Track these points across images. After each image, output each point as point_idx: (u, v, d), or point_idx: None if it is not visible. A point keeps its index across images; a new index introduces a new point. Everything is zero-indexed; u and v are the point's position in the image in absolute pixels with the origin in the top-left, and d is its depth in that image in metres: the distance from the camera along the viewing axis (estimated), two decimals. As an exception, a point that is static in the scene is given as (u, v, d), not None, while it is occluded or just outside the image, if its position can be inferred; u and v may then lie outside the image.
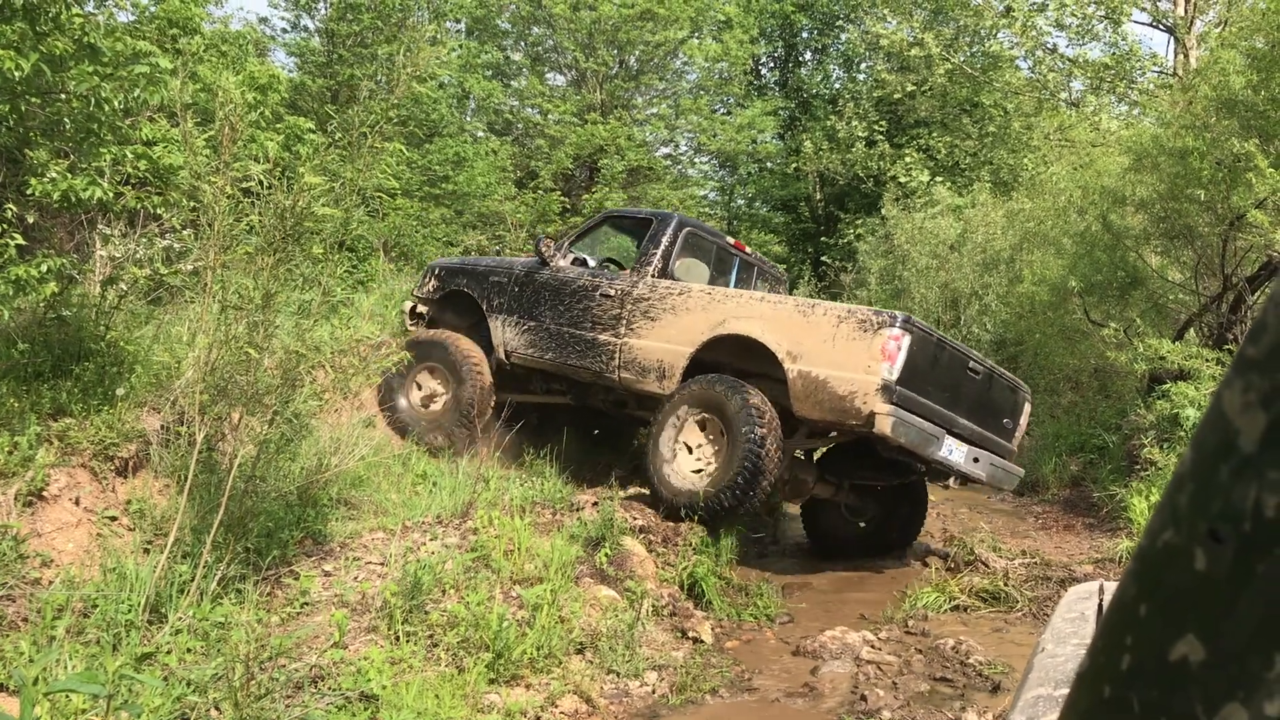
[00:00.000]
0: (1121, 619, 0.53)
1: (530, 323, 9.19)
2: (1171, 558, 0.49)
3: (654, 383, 8.30)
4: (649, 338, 8.36)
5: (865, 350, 7.18)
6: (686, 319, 8.17)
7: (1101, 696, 0.54)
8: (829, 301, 7.84)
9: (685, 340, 8.11)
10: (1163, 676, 0.50)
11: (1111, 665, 0.53)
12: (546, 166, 20.47)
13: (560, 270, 9.22)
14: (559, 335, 8.95)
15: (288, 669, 4.57)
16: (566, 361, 8.91)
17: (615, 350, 8.52)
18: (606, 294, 8.73)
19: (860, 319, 7.31)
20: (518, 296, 9.35)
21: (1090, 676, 0.56)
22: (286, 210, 5.23)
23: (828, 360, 7.33)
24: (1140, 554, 0.52)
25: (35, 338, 5.93)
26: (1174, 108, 11.58)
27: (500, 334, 9.40)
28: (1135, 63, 19.44)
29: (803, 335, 7.50)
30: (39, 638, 4.29)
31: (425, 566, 5.64)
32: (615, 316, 8.58)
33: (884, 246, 18.13)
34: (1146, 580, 0.51)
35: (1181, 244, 11.21)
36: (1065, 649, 1.58)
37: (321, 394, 6.38)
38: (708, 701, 5.69)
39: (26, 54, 5.19)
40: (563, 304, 8.99)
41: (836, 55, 29.01)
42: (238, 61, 11.36)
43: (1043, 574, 8.02)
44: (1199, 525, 0.47)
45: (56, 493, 5.32)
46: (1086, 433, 11.77)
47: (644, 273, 8.66)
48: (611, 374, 8.58)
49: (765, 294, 8.25)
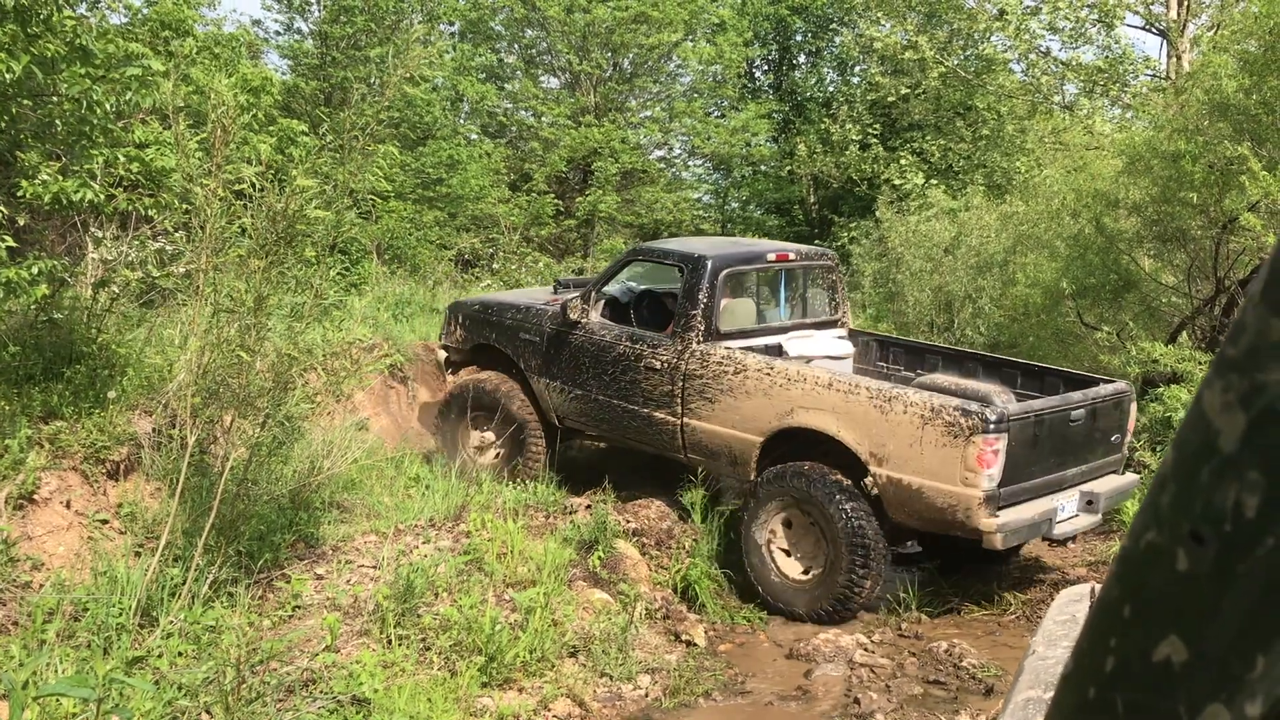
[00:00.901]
0: (1105, 621, 0.53)
1: (577, 390, 8.34)
2: (1154, 559, 0.49)
3: (727, 467, 7.66)
4: (711, 421, 7.56)
5: (959, 460, 6.38)
6: (748, 404, 7.33)
7: (1086, 698, 0.54)
8: (908, 392, 6.79)
9: (753, 428, 7.33)
10: (1146, 677, 0.49)
11: (1096, 666, 0.53)
12: (540, 169, 20.47)
13: (595, 332, 8.25)
14: (610, 407, 8.16)
15: (279, 672, 4.56)
16: (626, 436, 8.27)
17: (676, 431, 7.78)
18: (652, 366, 7.82)
19: (948, 422, 6.44)
20: (555, 359, 8.49)
21: (1075, 678, 0.56)
22: (279, 213, 5.23)
23: (917, 468, 6.57)
24: (1123, 555, 0.52)
25: (26, 340, 5.92)
26: (1167, 111, 11.62)
27: (547, 398, 8.62)
28: (1128, 66, 19.49)
29: (884, 435, 6.70)
30: (29, 641, 4.28)
31: (418, 570, 5.63)
32: (668, 394, 7.75)
33: (878, 249, 18.14)
34: (1130, 582, 0.51)
35: (1174, 247, 11.22)
36: (1056, 651, 1.58)
37: (314, 397, 6.38)
38: (701, 705, 5.69)
39: (18, 56, 5.18)
40: (606, 374, 8.12)
41: (830, 58, 29.03)
42: (230, 64, 11.35)
43: (1036, 577, 8.02)
44: (1181, 526, 0.47)
45: (47, 496, 5.30)
46: (1080, 435, 11.78)
47: (687, 340, 7.68)
48: (678, 453, 7.92)
49: (832, 377, 7.10)
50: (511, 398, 8.68)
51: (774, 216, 28.01)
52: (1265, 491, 0.44)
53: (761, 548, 7.21)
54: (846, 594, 6.86)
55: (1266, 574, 0.44)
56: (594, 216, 21.13)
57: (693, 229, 23.51)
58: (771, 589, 7.16)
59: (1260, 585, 0.44)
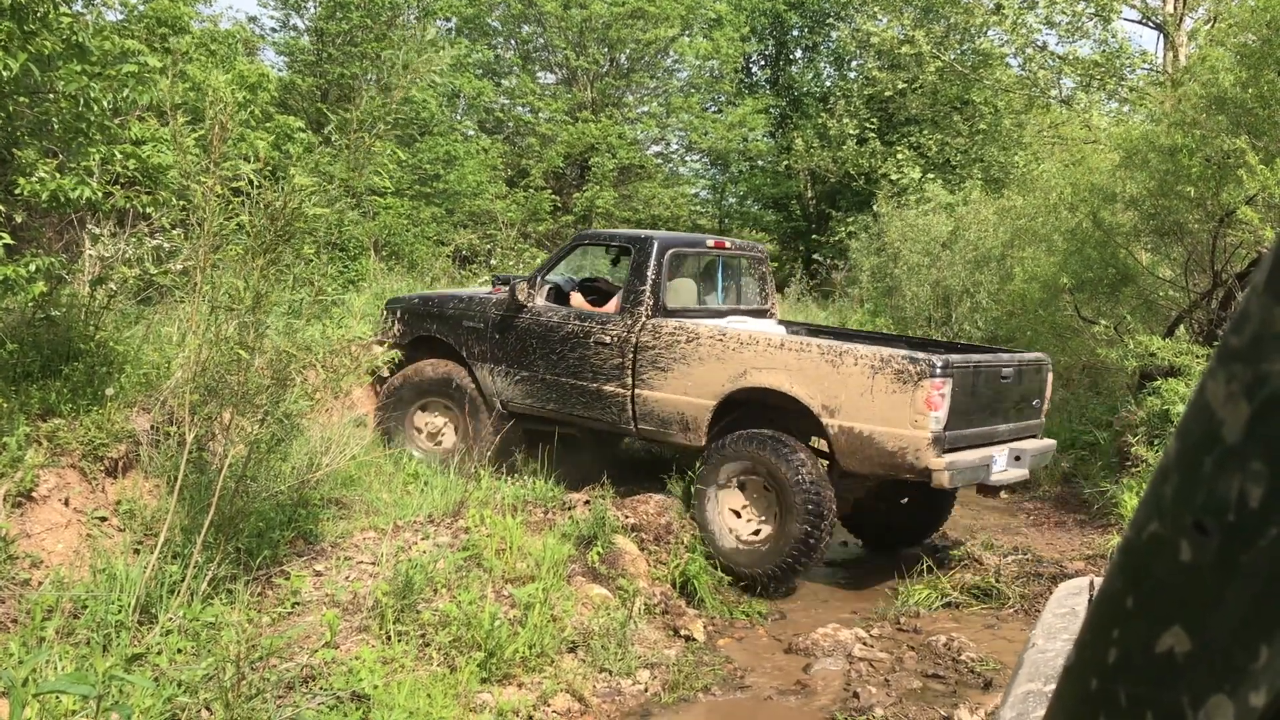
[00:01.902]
0: (1108, 612, 0.53)
1: (522, 373, 8.63)
2: (1157, 550, 0.49)
3: (679, 435, 7.92)
4: (663, 389, 7.92)
5: (908, 404, 6.87)
6: (701, 369, 7.72)
7: (1088, 690, 0.54)
8: (857, 346, 7.32)
9: (706, 393, 7.70)
10: (1149, 669, 0.49)
11: (1098, 658, 0.53)
12: (537, 165, 20.47)
13: (542, 314, 8.58)
14: (557, 386, 8.45)
15: (279, 669, 4.57)
16: (573, 413, 8.47)
17: (626, 402, 8.09)
18: (602, 341, 8.19)
19: (897, 370, 6.92)
20: (500, 344, 8.75)
21: (1077, 670, 0.56)
22: (277, 210, 5.22)
23: (869, 415, 7.02)
24: (1125, 547, 0.52)
25: (24, 338, 5.91)
26: (1164, 105, 11.62)
27: (490, 383, 8.85)
28: (1125, 60, 19.48)
29: (836, 387, 7.13)
30: (29, 639, 4.28)
31: (417, 566, 5.64)
32: (618, 366, 8.09)
33: (876, 244, 18.15)
34: (1132, 573, 0.51)
35: (1172, 241, 11.23)
36: (1056, 644, 1.58)
37: (313, 394, 6.38)
38: (700, 699, 5.69)
39: (14, 53, 5.17)
40: (554, 353, 8.43)
41: (827, 53, 29.02)
42: (227, 60, 11.33)
43: (1034, 570, 8.03)
44: (1184, 517, 0.47)
45: (46, 493, 5.30)
46: (1077, 429, 11.79)
47: (637, 314, 8.11)
48: (627, 425, 8.19)
49: (783, 338, 7.64)
50: (463, 383, 8.90)
51: (771, 212, 28.02)
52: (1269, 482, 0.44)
53: (714, 510, 7.53)
54: (796, 556, 7.18)
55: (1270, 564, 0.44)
56: (591, 212, 21.12)
57: (690, 224, 23.50)
58: (723, 552, 7.43)
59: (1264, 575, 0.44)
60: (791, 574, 7.31)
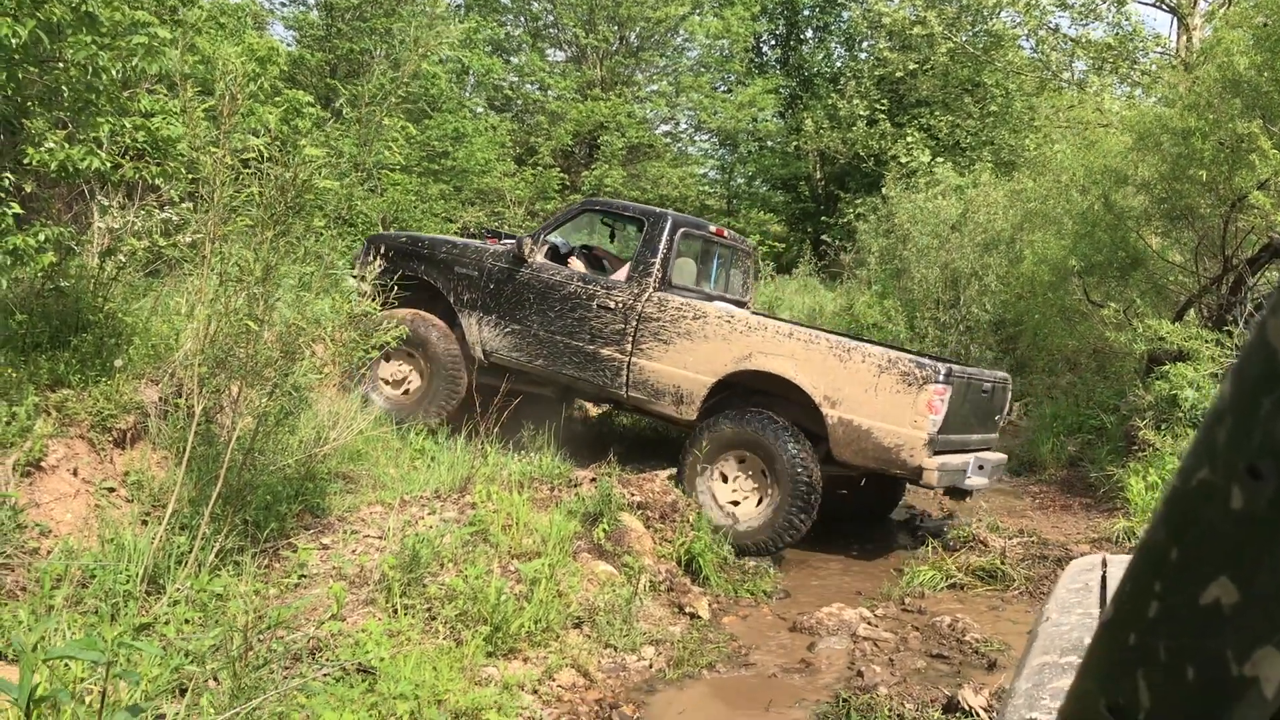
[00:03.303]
0: (1150, 564, 0.52)
1: (514, 325, 8.65)
2: (1206, 497, 0.48)
3: (670, 406, 8.10)
4: (662, 360, 8.09)
5: (910, 405, 7.24)
6: (705, 346, 7.92)
7: (1126, 644, 0.53)
8: (864, 344, 7.74)
9: (706, 369, 7.91)
10: (1192, 622, 0.48)
11: (1138, 612, 0.52)
12: (546, 143, 20.42)
13: (544, 271, 8.65)
14: (551, 343, 8.51)
15: (286, 640, 4.58)
16: (562, 371, 8.53)
17: (621, 367, 8.22)
18: (605, 305, 8.31)
19: (903, 372, 7.30)
20: (495, 295, 8.73)
21: (1115, 624, 0.55)
22: (287, 182, 5.21)
23: (870, 411, 7.36)
24: (1171, 496, 0.51)
25: (33, 308, 5.91)
26: (1177, 88, 11.54)
27: (476, 332, 8.82)
28: (1138, 43, 19.36)
29: (841, 380, 7.44)
30: (37, 607, 4.29)
31: (423, 540, 5.64)
32: (619, 332, 8.23)
33: (884, 226, 18.08)
34: (1178, 522, 0.50)
35: (1183, 225, 11.18)
36: (1070, 618, 1.57)
37: (321, 368, 6.37)
38: (705, 676, 5.71)
39: (23, 21, 5.15)
40: (552, 310, 8.50)
41: (838, 33, 28.88)
42: (236, 34, 11.29)
43: (1039, 553, 8.04)
44: (1237, 461, 0.46)
45: (54, 463, 5.31)
46: (1084, 413, 11.77)
47: (645, 284, 8.28)
48: (618, 390, 8.29)
49: (792, 328, 7.95)
50: (432, 332, 8.82)
51: (780, 192, 27.95)
52: (1331, 423, 0.43)
53: (706, 483, 7.75)
54: (785, 529, 7.49)
55: (1326, 510, 0.43)
56: (599, 191, 21.07)
57: (698, 204, 23.44)
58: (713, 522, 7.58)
59: (1320, 521, 0.43)
60: (778, 546, 7.59)
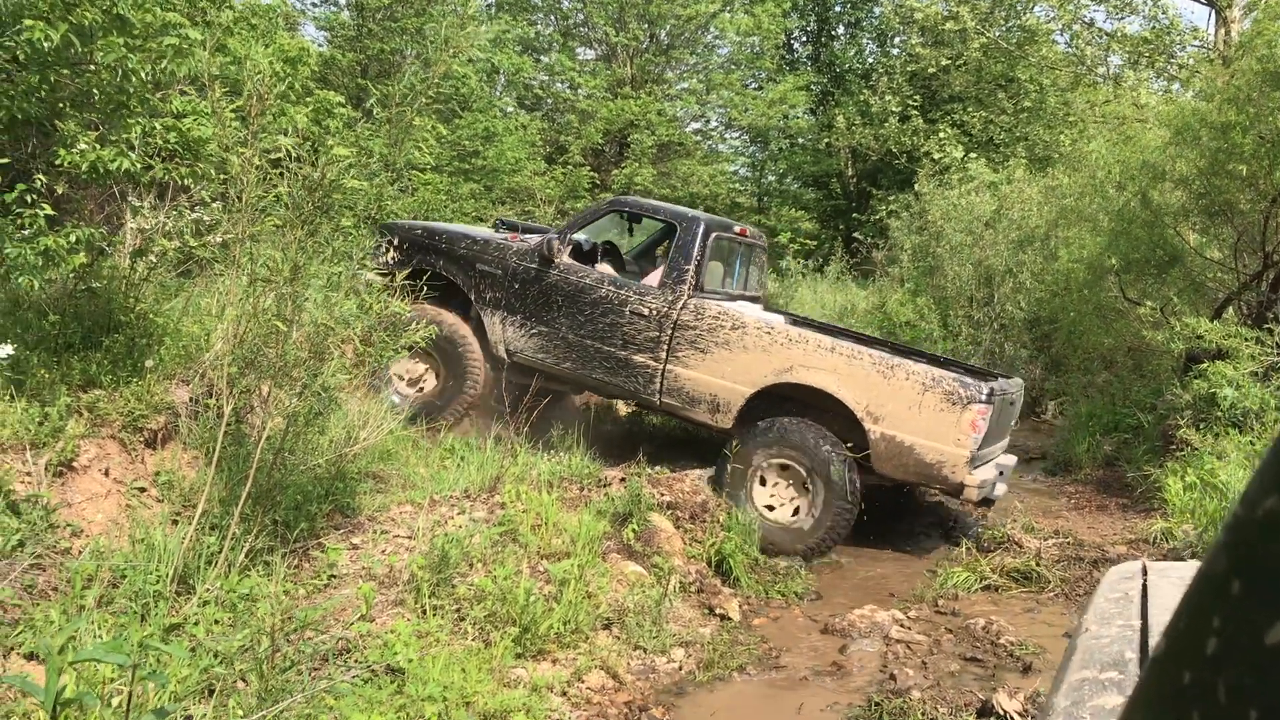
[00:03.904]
0: (1208, 597, 0.47)
1: (540, 327, 8.52)
2: (1274, 528, 0.43)
3: (705, 414, 8.10)
4: (699, 369, 8.07)
5: (954, 424, 7.36)
6: (744, 357, 7.92)
7: (1180, 683, 0.49)
8: (908, 361, 7.73)
9: (745, 380, 7.92)
10: (1257, 661, 0.44)
11: (1194, 648, 0.48)
12: (576, 142, 20.41)
13: (573, 273, 8.50)
14: (580, 347, 8.40)
15: (314, 641, 4.58)
16: (591, 375, 8.45)
17: (656, 375, 8.18)
18: (639, 312, 8.22)
19: (947, 391, 7.40)
20: (520, 295, 8.59)
21: (1168, 659, 0.50)
22: (315, 182, 5.21)
23: (913, 428, 7.46)
24: (1234, 524, 0.46)
25: (65, 309, 5.94)
26: (1216, 81, 11.36)
27: (500, 332, 8.70)
28: (1175, 37, 19.10)
29: (884, 397, 7.52)
30: (69, 607, 4.31)
31: (453, 540, 5.63)
32: (654, 339, 8.17)
33: (917, 223, 17.95)
34: (1241, 553, 0.45)
35: (1221, 221, 11.01)
36: (1110, 630, 1.52)
37: (351, 368, 6.37)
38: (735, 679, 5.66)
39: (56, 24, 5.18)
40: (582, 314, 8.39)
41: (870, 29, 28.72)
42: (267, 35, 11.34)
43: (1075, 554, 7.92)
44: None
45: (86, 464, 5.33)
46: (1121, 412, 11.61)
47: (679, 291, 8.21)
48: (651, 397, 8.25)
49: (834, 342, 7.85)
50: (456, 332, 8.66)
51: (811, 190, 27.83)
52: None
53: (747, 490, 7.81)
54: (826, 537, 7.64)
55: None
56: (630, 189, 21.04)
57: (728, 202, 23.36)
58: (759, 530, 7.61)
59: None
60: (818, 551, 7.70)
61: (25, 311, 5.92)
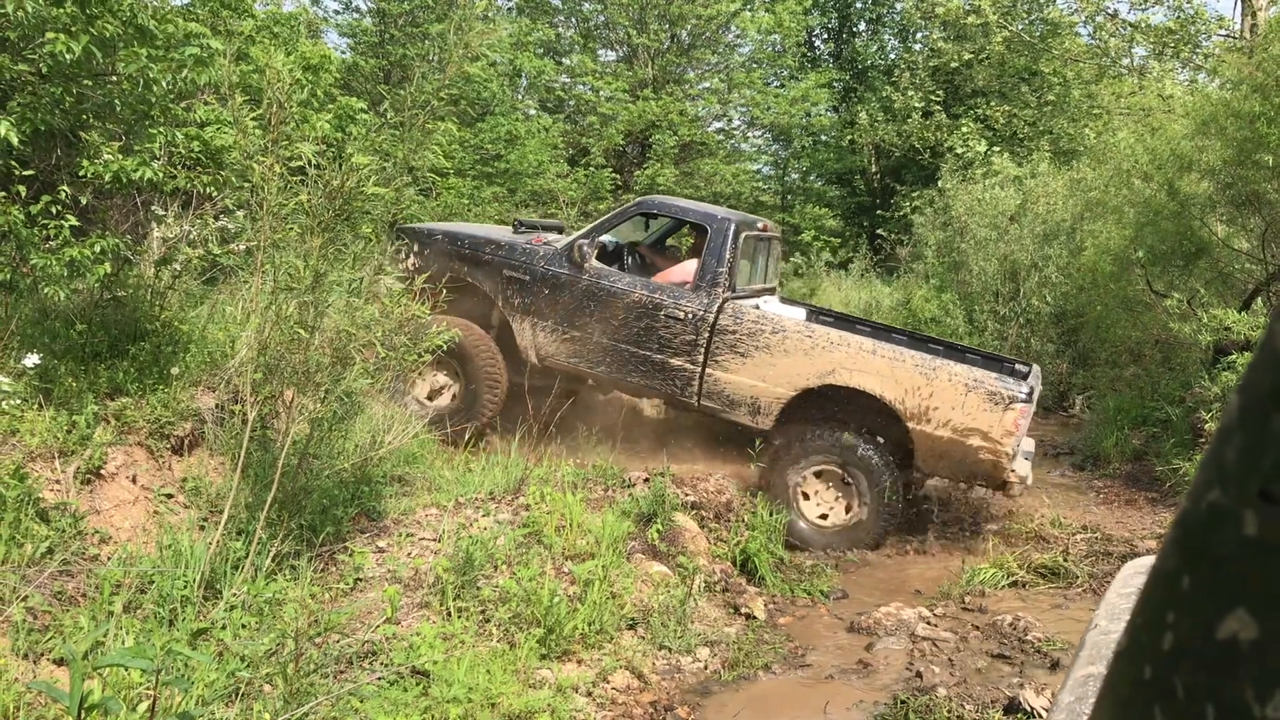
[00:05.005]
0: (1162, 593, 0.47)
1: (572, 332, 8.45)
2: (1218, 522, 0.43)
3: (745, 416, 8.13)
4: (738, 373, 8.08)
5: (998, 423, 7.53)
6: (785, 361, 7.96)
7: (1141, 678, 0.49)
8: (949, 363, 7.86)
9: (785, 383, 7.98)
10: (1209, 657, 0.44)
11: (1152, 644, 0.48)
12: (598, 143, 20.42)
13: (604, 277, 8.45)
14: (615, 351, 8.35)
15: (340, 644, 4.61)
16: (626, 379, 8.42)
17: (694, 378, 8.17)
18: (674, 316, 8.18)
19: (990, 392, 7.57)
20: (550, 300, 8.50)
21: (1129, 656, 0.50)
22: (336, 190, 5.24)
23: (956, 427, 7.63)
24: (1182, 519, 0.46)
25: (92, 318, 6.01)
26: (1242, 71, 11.23)
27: (529, 337, 8.62)
28: (1200, 27, 18.90)
29: (927, 398, 7.67)
30: (97, 613, 4.36)
31: (477, 542, 5.66)
32: (691, 343, 8.15)
33: (941, 219, 17.85)
34: (1189, 548, 0.45)
35: (1249, 211, 10.89)
36: (1119, 626, 1.51)
37: (374, 372, 6.41)
38: (760, 678, 5.65)
39: (78, 37, 5.24)
40: (616, 318, 8.32)
41: (891, 25, 28.58)
42: (289, 42, 11.42)
43: (1104, 549, 7.87)
44: (1249, 484, 0.41)
45: (114, 471, 5.39)
46: (1149, 406, 11.51)
47: (715, 294, 8.18)
48: (688, 399, 8.25)
49: (875, 344, 7.99)
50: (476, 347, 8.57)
51: (835, 187, 27.72)
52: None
53: (791, 493, 7.93)
54: (872, 536, 7.85)
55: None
56: (653, 190, 21.04)
57: (751, 201, 23.32)
58: (796, 531, 7.85)
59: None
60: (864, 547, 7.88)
61: (52, 321, 6.00)
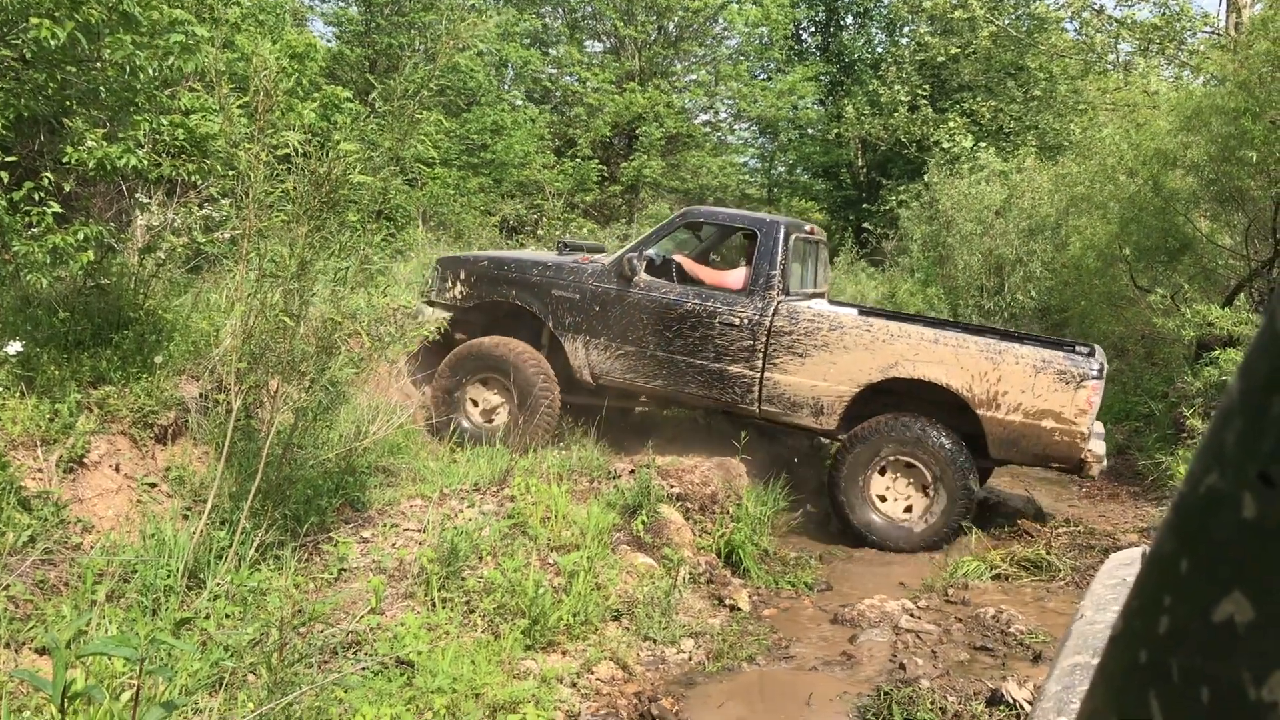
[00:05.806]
0: (1159, 576, 0.48)
1: (627, 347, 8.42)
2: (1216, 505, 0.43)
3: (809, 418, 8.08)
4: (798, 374, 8.03)
5: (1070, 402, 7.44)
6: (845, 358, 7.91)
7: (1136, 662, 0.49)
8: (1015, 345, 7.79)
9: (848, 380, 7.93)
10: (1205, 640, 0.44)
11: (1148, 628, 0.48)
12: (585, 134, 20.39)
13: (655, 289, 8.40)
14: (670, 363, 8.31)
15: (324, 634, 4.60)
16: (684, 390, 8.36)
17: (754, 383, 8.12)
18: (729, 323, 8.15)
19: (1059, 370, 7.48)
20: (601, 317, 8.48)
21: (1124, 639, 0.50)
22: (322, 178, 5.22)
23: (1028, 410, 7.54)
24: (1180, 503, 0.46)
25: (75, 306, 5.98)
26: (1226, 67, 11.28)
27: (583, 356, 8.60)
28: (1185, 23, 18.97)
29: (995, 383, 7.60)
30: (80, 602, 4.34)
31: (462, 533, 5.65)
32: (748, 348, 8.11)
33: (927, 213, 17.90)
34: (1187, 532, 0.46)
35: (1232, 207, 10.96)
36: (1105, 616, 1.52)
37: (359, 361, 6.39)
38: (744, 669, 5.67)
39: (62, 22, 5.20)
40: (670, 330, 8.29)
41: (879, 18, 28.58)
42: (275, 31, 11.35)
43: (1086, 543, 7.92)
44: (1248, 468, 0.41)
45: (97, 459, 5.37)
46: (1132, 400, 11.58)
47: (769, 297, 8.15)
48: (749, 405, 8.18)
49: (937, 334, 7.93)
50: (524, 360, 8.56)
51: (821, 180, 27.75)
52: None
53: (861, 489, 7.93)
54: (947, 529, 7.78)
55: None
56: (639, 182, 21.03)
57: (738, 194, 23.31)
58: (872, 527, 7.90)
59: (1340, 534, 0.39)
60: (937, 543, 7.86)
61: (35, 308, 5.96)
